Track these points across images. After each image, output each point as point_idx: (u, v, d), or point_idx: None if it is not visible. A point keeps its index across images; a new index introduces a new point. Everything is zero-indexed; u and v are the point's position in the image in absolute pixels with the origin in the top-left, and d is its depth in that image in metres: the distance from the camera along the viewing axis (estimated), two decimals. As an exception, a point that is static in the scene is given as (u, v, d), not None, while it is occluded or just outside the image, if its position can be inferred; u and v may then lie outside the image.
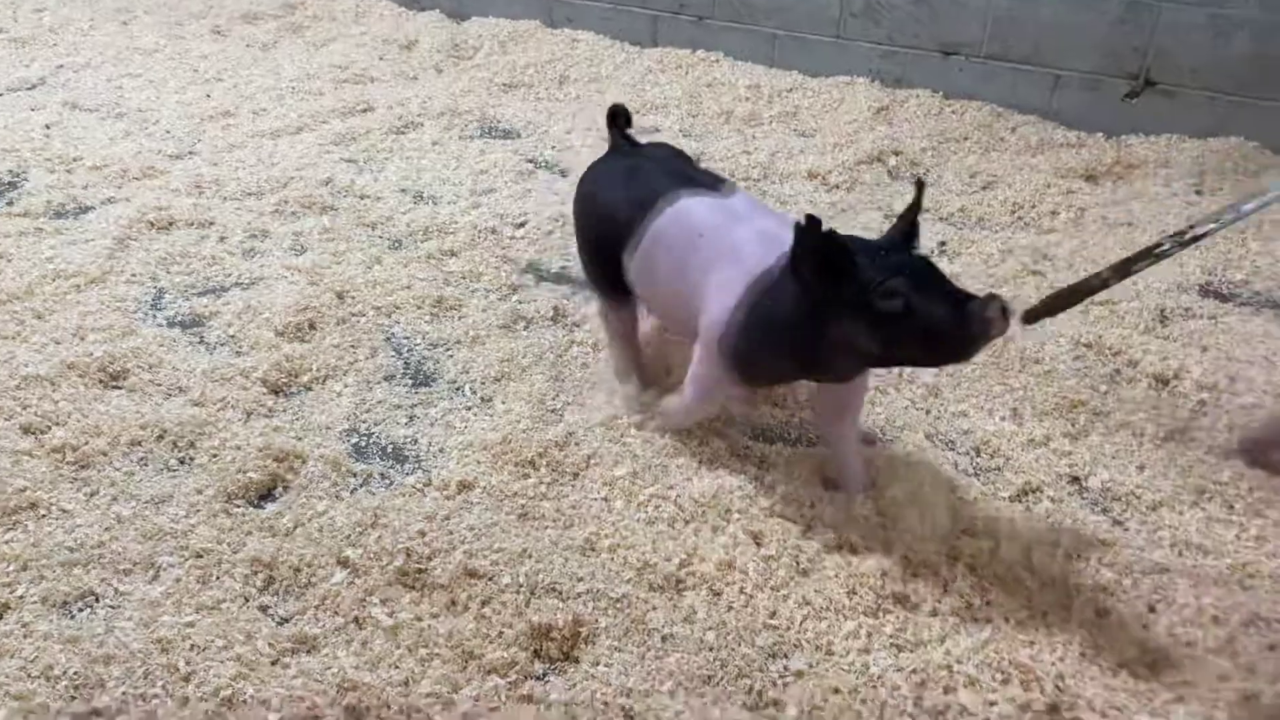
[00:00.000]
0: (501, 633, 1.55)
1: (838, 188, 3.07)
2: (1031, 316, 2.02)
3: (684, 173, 1.95)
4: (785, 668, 1.53)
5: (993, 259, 2.66)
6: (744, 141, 3.36)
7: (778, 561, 1.70)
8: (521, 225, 2.80)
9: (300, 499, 1.83)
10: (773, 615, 1.61)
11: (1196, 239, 1.84)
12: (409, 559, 1.67)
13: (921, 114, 3.46)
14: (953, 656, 1.51)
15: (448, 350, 2.27)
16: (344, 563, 1.68)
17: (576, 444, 1.96)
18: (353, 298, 2.43)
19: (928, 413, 2.11)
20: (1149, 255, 1.86)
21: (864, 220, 2.86)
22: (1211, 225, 1.81)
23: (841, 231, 2.71)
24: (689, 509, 1.81)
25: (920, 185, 1.66)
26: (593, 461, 1.92)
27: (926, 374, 2.20)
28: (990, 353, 2.25)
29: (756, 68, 3.83)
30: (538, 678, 1.51)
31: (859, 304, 1.53)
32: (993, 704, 1.46)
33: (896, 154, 3.24)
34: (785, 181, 3.11)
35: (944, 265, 2.63)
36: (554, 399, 2.10)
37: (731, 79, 3.77)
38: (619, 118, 2.10)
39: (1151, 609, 1.62)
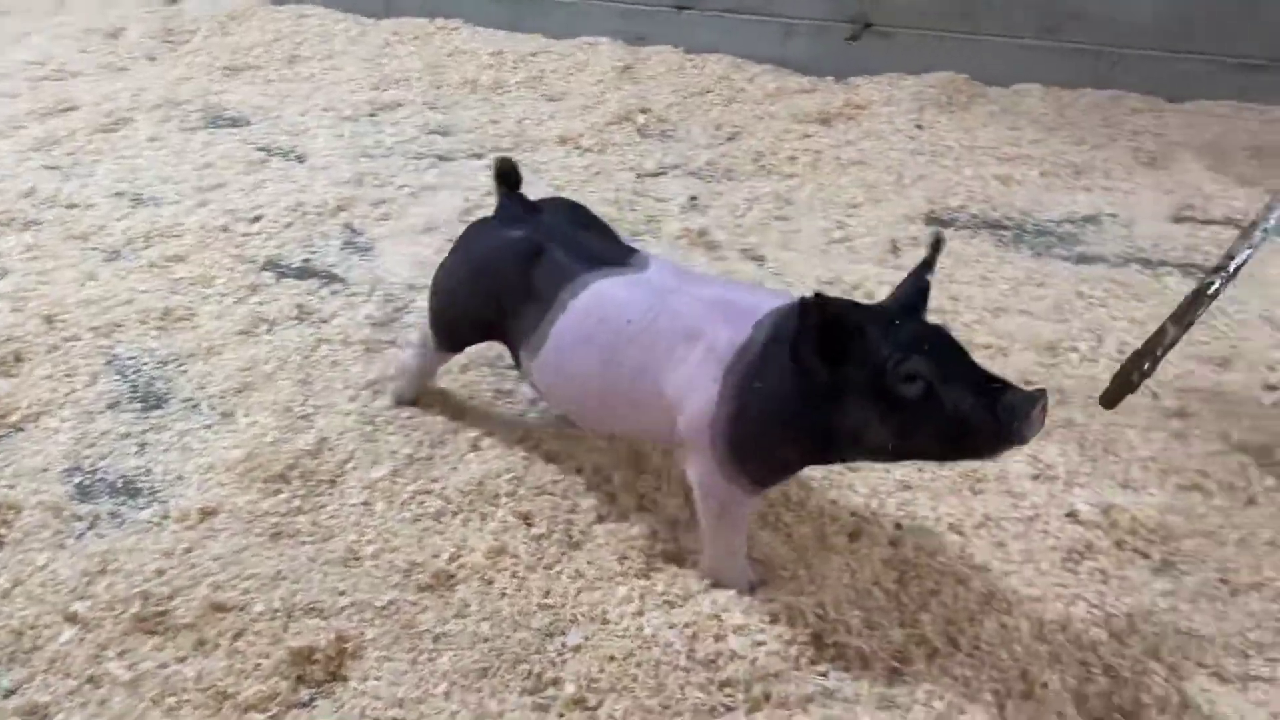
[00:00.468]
0: (258, 665, 1.45)
1: (590, 150, 3.06)
2: (1110, 400, 1.83)
3: (584, 247, 1.64)
4: (563, 645, 1.51)
5: (739, 209, 2.73)
6: (492, 110, 3.29)
7: (549, 539, 1.68)
8: (256, 220, 2.62)
9: (17, 555, 1.64)
10: (546, 594, 1.59)
11: (1239, 267, 1.76)
12: (146, 603, 1.53)
13: (665, 70, 3.50)
14: (719, 605, 1.54)
15: (180, 366, 2.10)
16: (72, 618, 1.52)
17: (330, 450, 1.86)
18: (65, 321, 2.20)
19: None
20: (1202, 297, 1.75)
21: (618, 181, 2.87)
22: (1247, 251, 1.75)
23: (594, 197, 2.75)
24: (456, 500, 1.76)
25: (938, 243, 1.42)
26: (349, 466, 1.83)
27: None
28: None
29: (498, 33, 3.75)
30: (302, 705, 1.42)
31: (871, 387, 1.30)
32: (761, 644, 1.50)
33: (645, 112, 3.26)
34: (537, 148, 3.07)
35: (695, 219, 2.69)
36: (303, 404, 1.98)
37: (473, 46, 3.67)
38: (508, 176, 1.77)
39: (898, 526, 1.72)
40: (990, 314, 2.29)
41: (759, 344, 1.40)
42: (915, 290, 1.39)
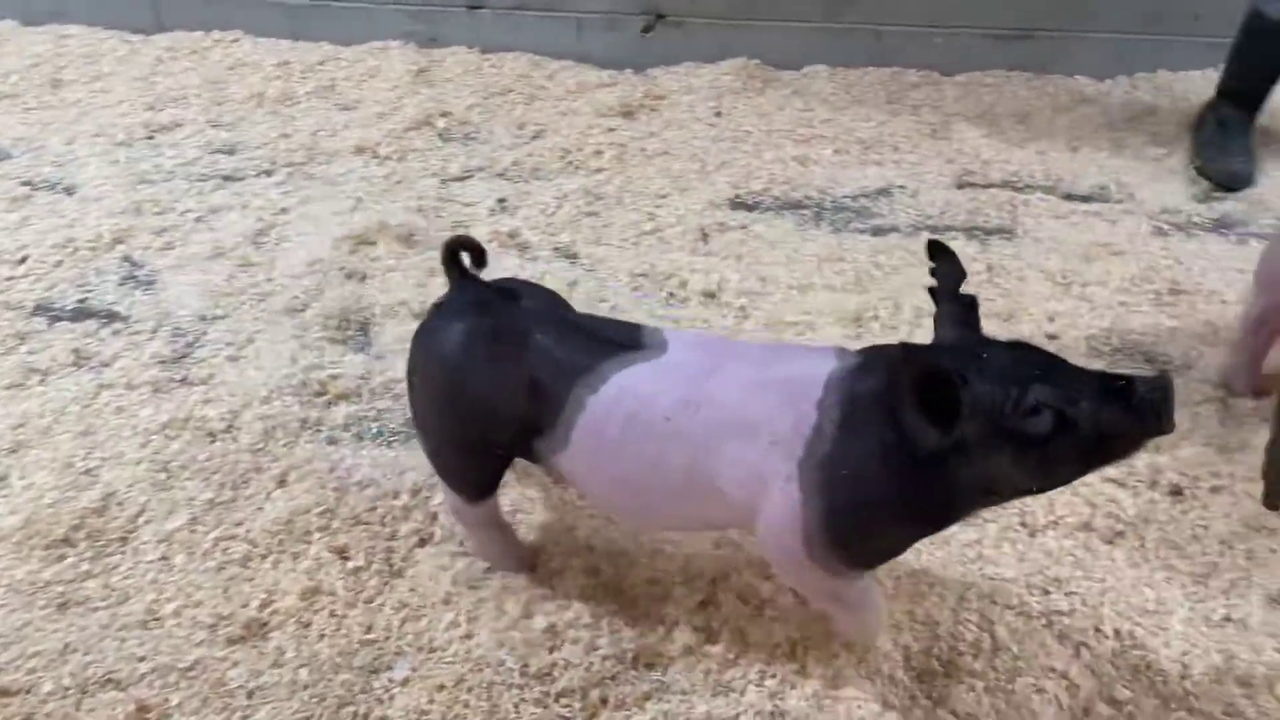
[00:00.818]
0: (48, 752, 1.33)
1: (389, 159, 2.95)
2: (1274, 502, 1.76)
3: (585, 330, 1.40)
4: (389, 680, 1.46)
5: (549, 207, 2.70)
6: (281, 124, 3.12)
7: (368, 571, 1.61)
8: (22, 261, 2.40)
9: None
10: (369, 630, 1.52)
11: None
12: (-89, 701, 1.38)
13: (462, 71, 3.41)
14: (551, 616, 1.52)
15: (-61, 431, 1.89)
16: None
17: (120, 505, 1.72)
18: None
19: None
20: None
21: (420, 189, 2.78)
22: None
23: (396, 206, 2.66)
24: (263, 543, 1.66)
25: (936, 250, 1.32)
26: (142, 520, 1.70)
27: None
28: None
29: (281, 43, 3.57)
30: (103, 788, 1.31)
31: (993, 435, 1.15)
32: (596, 649, 1.49)
33: (445, 115, 3.18)
34: (333, 160, 2.93)
35: (505, 221, 2.64)
36: (86, 458, 1.82)
37: (256, 58, 3.48)
38: (460, 253, 1.46)
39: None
40: (797, 291, 2.35)
41: (832, 424, 1.23)
42: (966, 310, 1.26)
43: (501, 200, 2.74)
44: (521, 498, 1.74)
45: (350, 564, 1.62)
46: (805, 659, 1.47)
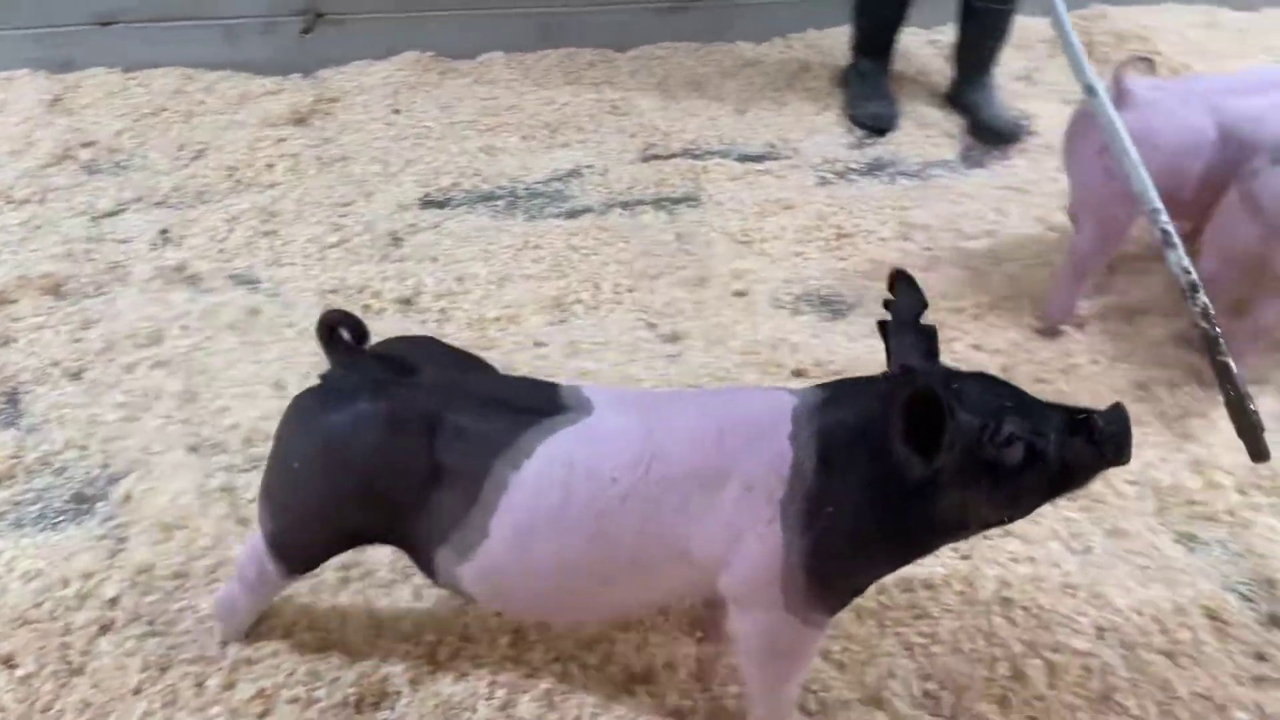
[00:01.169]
0: None
1: (27, 202, 2.61)
2: (1259, 454, 1.65)
3: (497, 399, 1.26)
4: (78, 795, 1.29)
5: (219, 232, 2.49)
6: (-118, 178, 2.68)
7: (39, 676, 1.42)
8: None
9: None
10: (46, 743, 1.34)
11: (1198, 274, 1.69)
12: None
13: (104, 94, 3.07)
14: (259, 680, 1.41)
15: None
16: None
17: None
18: None
19: (187, 422, 1.92)
20: (1203, 316, 1.65)
21: (66, 231, 2.48)
22: (1184, 258, 1.67)
23: (39, 255, 2.35)
24: (-98, 672, 1.42)
25: (896, 280, 1.27)
26: None
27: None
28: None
29: (-126, 83, 3.07)
30: None
31: (969, 465, 1.13)
32: (314, 702, 1.40)
33: (88, 145, 2.85)
34: (-45, 212, 2.56)
35: (170, 254, 2.42)
36: None
37: None
38: (339, 329, 1.30)
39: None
40: (496, 286, 2.32)
41: (812, 460, 1.17)
42: (928, 340, 1.23)
43: (164, 231, 2.51)
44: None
45: (18, 672, 1.41)
46: (533, 661, 1.45)
